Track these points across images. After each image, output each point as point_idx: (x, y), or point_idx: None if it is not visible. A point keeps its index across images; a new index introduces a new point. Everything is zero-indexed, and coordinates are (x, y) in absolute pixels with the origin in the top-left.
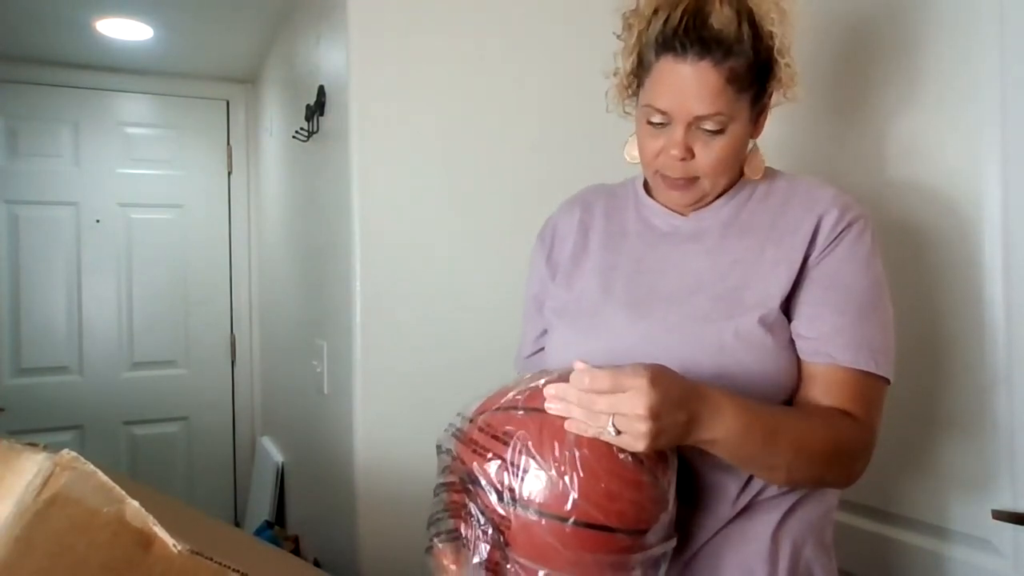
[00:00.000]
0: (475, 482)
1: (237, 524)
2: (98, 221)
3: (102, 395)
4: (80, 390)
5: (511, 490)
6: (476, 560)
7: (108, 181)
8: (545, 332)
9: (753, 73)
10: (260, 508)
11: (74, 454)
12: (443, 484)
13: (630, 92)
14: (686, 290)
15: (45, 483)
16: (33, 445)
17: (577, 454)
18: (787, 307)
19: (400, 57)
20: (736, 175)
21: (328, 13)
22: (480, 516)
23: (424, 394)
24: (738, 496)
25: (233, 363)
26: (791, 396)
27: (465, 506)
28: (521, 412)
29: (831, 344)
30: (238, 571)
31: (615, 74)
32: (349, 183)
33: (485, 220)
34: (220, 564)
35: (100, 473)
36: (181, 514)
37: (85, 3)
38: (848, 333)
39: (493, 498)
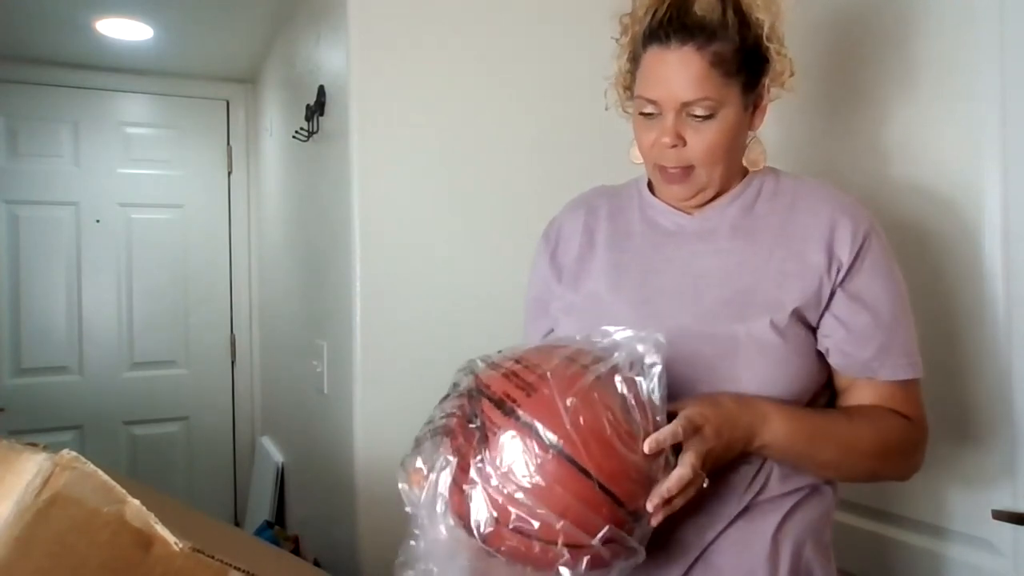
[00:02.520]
0: (481, 391)
1: (237, 524)
2: (98, 221)
3: (102, 395)
4: (80, 390)
5: (513, 401)
6: (449, 457)
7: (108, 181)
8: (551, 332)
9: (740, 58)
10: (260, 508)
11: (74, 454)
12: (446, 395)
13: (629, 94)
14: (695, 290)
15: (45, 483)
16: (33, 445)
17: (589, 396)
18: (804, 314)
19: (400, 57)
20: (736, 168)
21: (328, 13)
22: (473, 418)
23: (424, 394)
24: (740, 496)
25: (233, 363)
26: (800, 397)
27: (462, 407)
28: (556, 356)
29: (876, 362)
30: (240, 568)
31: (615, 77)
32: (349, 183)
33: (485, 220)
34: (222, 562)
35: (100, 473)
36: (181, 514)
37: (85, 3)
38: (890, 349)
39: (492, 404)
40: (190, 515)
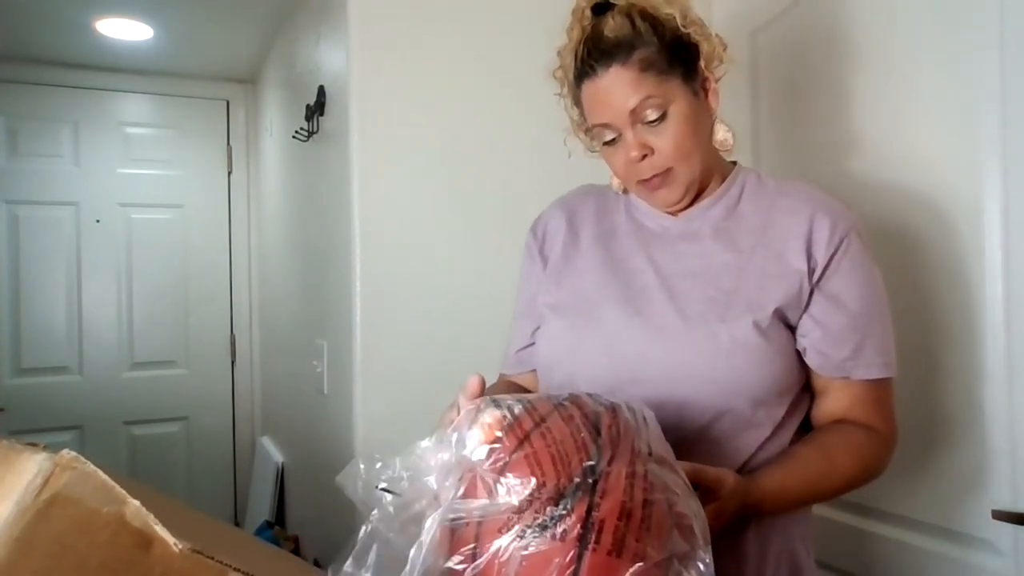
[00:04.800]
0: (594, 503)
1: (237, 524)
2: (98, 221)
3: (102, 395)
4: (80, 390)
5: (596, 542)
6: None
7: (108, 181)
8: (537, 329)
9: (667, 55)
10: (260, 508)
11: (74, 454)
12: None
13: (589, 136)
14: (679, 290)
15: (45, 483)
16: (33, 445)
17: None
18: (785, 315)
19: (400, 57)
20: (712, 156)
21: (328, 13)
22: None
23: (424, 394)
24: None
25: (233, 363)
26: (783, 396)
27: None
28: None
29: (851, 362)
30: (239, 570)
31: (571, 126)
32: (349, 183)
33: (485, 220)
34: (221, 563)
35: (100, 473)
36: (181, 514)
37: (85, 3)
38: (864, 348)
39: (580, 522)
40: (190, 515)
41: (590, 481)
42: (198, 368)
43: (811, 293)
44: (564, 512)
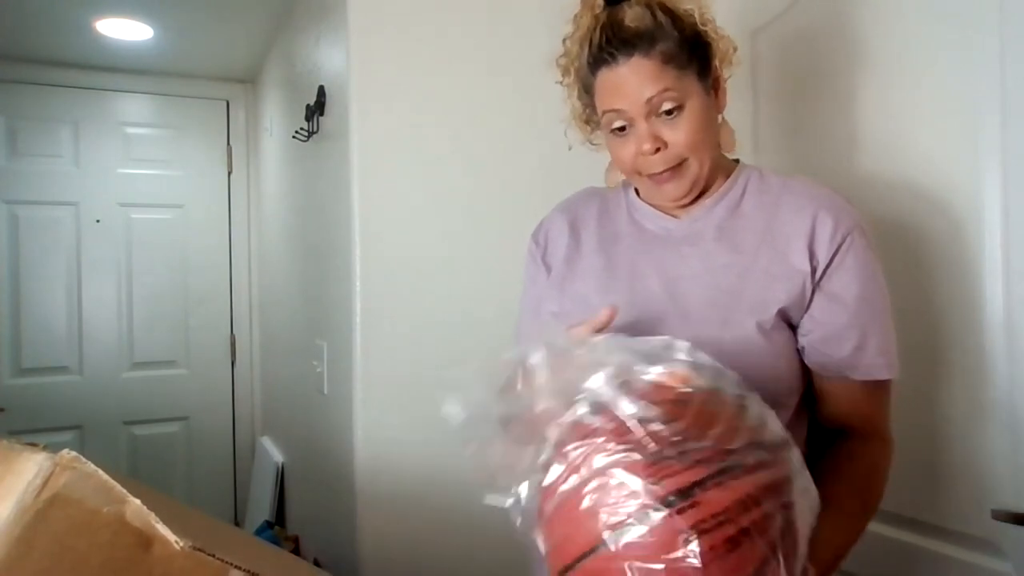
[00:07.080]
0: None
1: (237, 524)
2: (98, 221)
3: (102, 395)
4: (80, 390)
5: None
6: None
7: (108, 181)
8: None
9: (687, 50)
10: (260, 508)
11: (74, 454)
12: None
13: (591, 127)
14: (682, 294)
15: (45, 483)
16: (33, 445)
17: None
18: (788, 315)
19: (400, 57)
20: (717, 153)
21: (328, 13)
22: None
23: (424, 394)
24: None
25: (233, 363)
26: (789, 398)
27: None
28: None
29: (852, 361)
30: (240, 567)
31: (572, 115)
32: (349, 183)
33: (485, 220)
34: (222, 561)
35: (101, 473)
36: (181, 514)
37: (85, 3)
38: (866, 349)
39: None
40: (190, 515)
41: (742, 464)
42: (198, 368)
43: (813, 292)
44: (690, 499)
